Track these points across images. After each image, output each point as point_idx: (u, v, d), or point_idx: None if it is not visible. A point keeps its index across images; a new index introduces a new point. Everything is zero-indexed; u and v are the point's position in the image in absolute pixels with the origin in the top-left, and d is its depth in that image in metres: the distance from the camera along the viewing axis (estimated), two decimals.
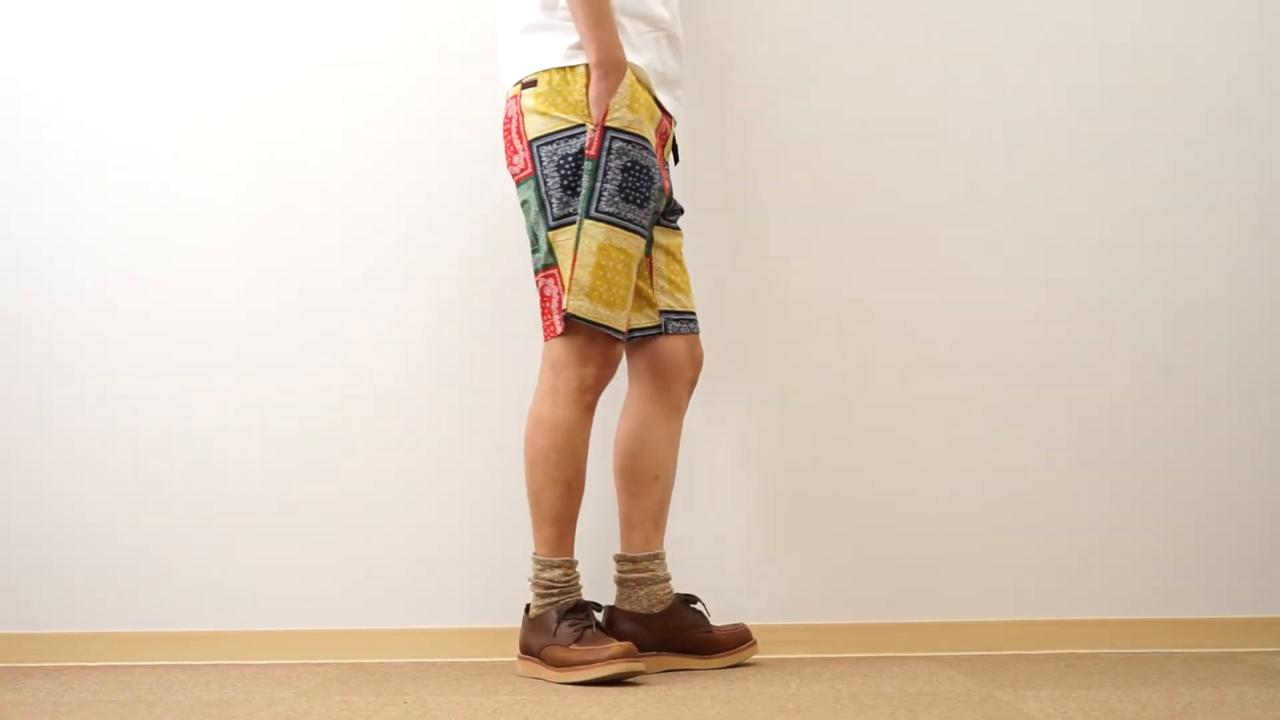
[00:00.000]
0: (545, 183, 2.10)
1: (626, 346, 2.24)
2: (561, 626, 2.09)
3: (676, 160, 2.34)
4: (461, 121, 2.48)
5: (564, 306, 2.08)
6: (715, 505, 2.44)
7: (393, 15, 2.51)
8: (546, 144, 2.10)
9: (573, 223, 2.09)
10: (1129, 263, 2.47)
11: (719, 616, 2.35)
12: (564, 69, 2.10)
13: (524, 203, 2.16)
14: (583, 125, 2.08)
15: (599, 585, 2.28)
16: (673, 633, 2.21)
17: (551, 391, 2.13)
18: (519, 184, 2.16)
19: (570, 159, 2.08)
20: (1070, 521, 2.43)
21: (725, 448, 2.46)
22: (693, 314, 2.29)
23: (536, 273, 2.15)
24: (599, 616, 2.22)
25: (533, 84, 2.12)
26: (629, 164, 2.10)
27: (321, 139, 2.49)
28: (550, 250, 2.11)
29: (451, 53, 2.49)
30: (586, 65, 2.09)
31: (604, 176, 2.08)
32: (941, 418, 2.45)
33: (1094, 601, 2.42)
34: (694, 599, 2.27)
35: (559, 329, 2.11)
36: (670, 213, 2.28)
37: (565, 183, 2.09)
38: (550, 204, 2.10)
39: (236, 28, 2.51)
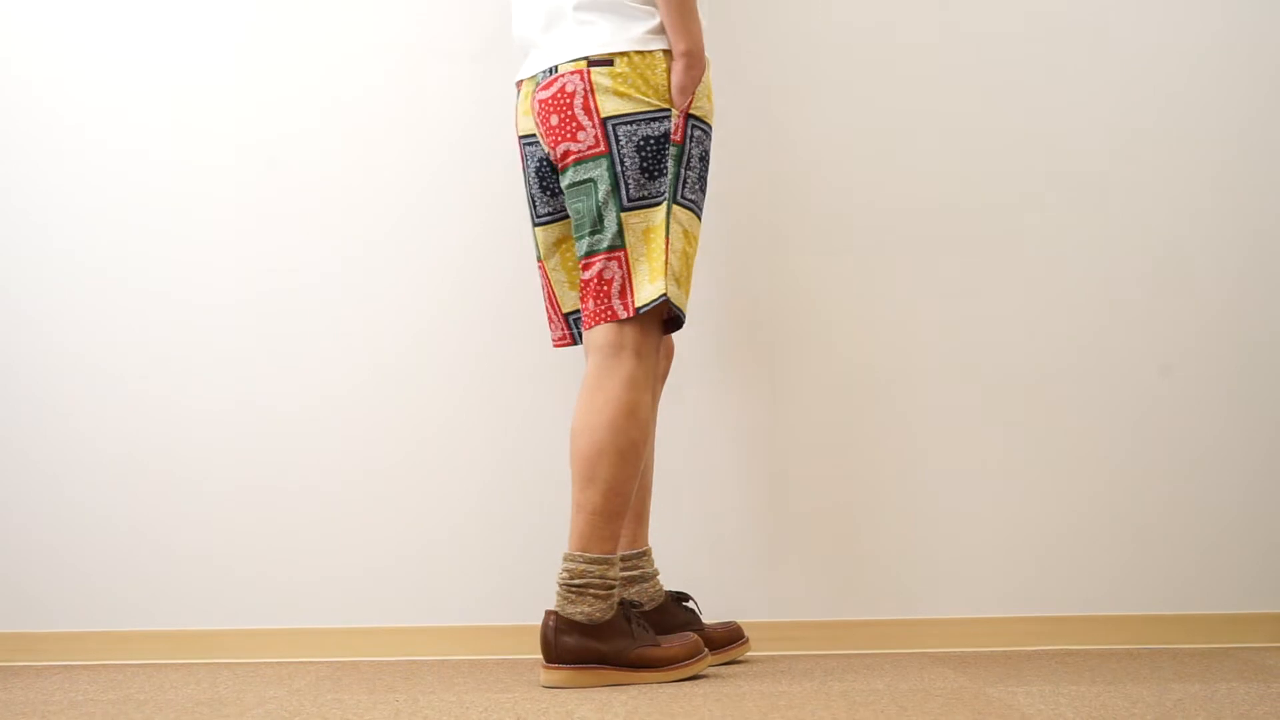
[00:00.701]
0: (622, 162, 2.06)
1: None
2: (635, 626, 2.06)
3: None
4: (461, 121, 2.48)
5: (663, 292, 2.03)
6: (708, 503, 2.44)
7: (393, 15, 2.50)
8: (625, 124, 2.06)
9: (649, 205, 2.06)
10: (1129, 261, 2.47)
11: (712, 614, 2.35)
12: (644, 53, 2.07)
13: (584, 181, 2.08)
14: (666, 110, 2.07)
15: None
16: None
17: (639, 381, 2.06)
18: (579, 162, 2.08)
19: (652, 141, 2.06)
20: (1061, 518, 2.44)
21: (719, 445, 2.46)
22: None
23: (594, 254, 2.08)
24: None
25: (607, 63, 2.07)
26: (703, 153, 2.11)
27: (321, 138, 2.49)
28: (620, 232, 2.07)
29: (451, 53, 2.49)
30: (664, 51, 2.08)
31: (687, 164, 2.08)
32: (935, 415, 2.45)
33: (1085, 598, 2.42)
34: (686, 596, 2.27)
35: (622, 314, 2.06)
36: None
37: (644, 165, 2.06)
38: (626, 185, 2.06)
39: (238, 27, 2.51)
